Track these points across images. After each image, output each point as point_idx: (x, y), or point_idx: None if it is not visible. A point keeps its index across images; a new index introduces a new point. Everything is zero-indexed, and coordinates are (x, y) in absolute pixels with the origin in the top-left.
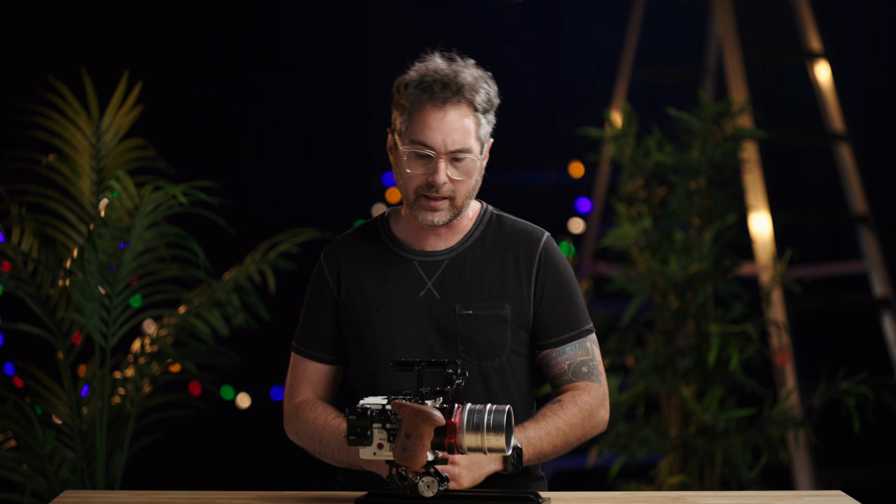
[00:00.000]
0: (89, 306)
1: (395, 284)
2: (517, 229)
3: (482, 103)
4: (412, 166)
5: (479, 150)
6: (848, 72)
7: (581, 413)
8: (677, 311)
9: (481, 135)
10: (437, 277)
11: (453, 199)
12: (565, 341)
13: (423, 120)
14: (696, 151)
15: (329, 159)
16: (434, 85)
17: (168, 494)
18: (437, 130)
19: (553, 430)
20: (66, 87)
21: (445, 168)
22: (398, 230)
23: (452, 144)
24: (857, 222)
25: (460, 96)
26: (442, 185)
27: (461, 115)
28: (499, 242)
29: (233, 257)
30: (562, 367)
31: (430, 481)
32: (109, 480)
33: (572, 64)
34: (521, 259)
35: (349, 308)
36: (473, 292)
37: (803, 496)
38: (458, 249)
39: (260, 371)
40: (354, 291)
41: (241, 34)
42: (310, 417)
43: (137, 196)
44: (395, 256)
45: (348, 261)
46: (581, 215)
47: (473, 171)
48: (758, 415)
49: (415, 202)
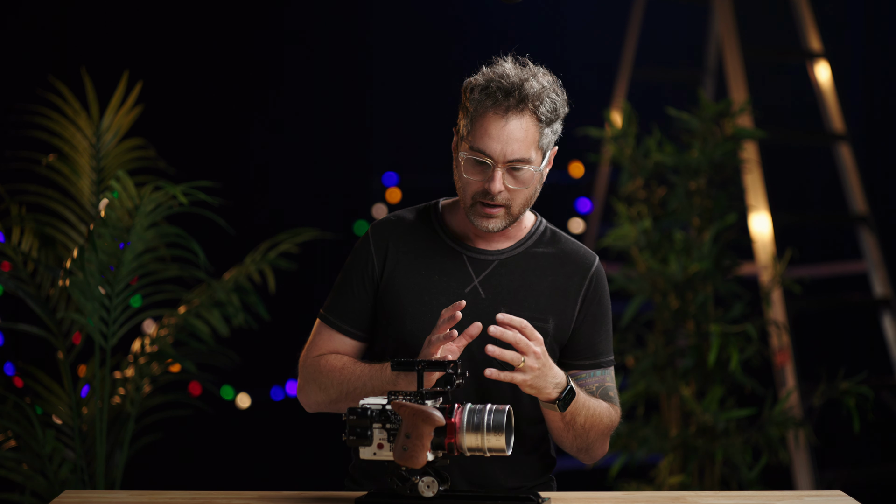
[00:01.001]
0: (89, 306)
1: (441, 275)
2: (572, 248)
3: (546, 113)
4: (470, 172)
5: (539, 160)
6: (848, 72)
7: (609, 418)
8: (677, 311)
9: (543, 145)
10: (484, 276)
11: (509, 208)
12: (597, 366)
13: (484, 127)
14: (696, 151)
15: (329, 159)
16: (498, 92)
17: (168, 494)
18: (496, 139)
19: (593, 407)
20: (66, 87)
21: (502, 177)
22: (451, 221)
23: (511, 154)
24: (857, 222)
25: (524, 106)
26: (497, 193)
27: (523, 126)
28: (551, 257)
29: (233, 257)
30: (590, 388)
31: (430, 481)
32: (109, 480)
33: (572, 64)
34: (573, 278)
35: (390, 289)
36: (520, 299)
37: (803, 496)
38: (509, 253)
39: (260, 371)
40: (400, 273)
41: (242, 34)
42: (335, 364)
43: (137, 196)
44: (445, 247)
45: (398, 241)
46: (581, 215)
47: (531, 182)
48: (758, 415)
49: (471, 207)
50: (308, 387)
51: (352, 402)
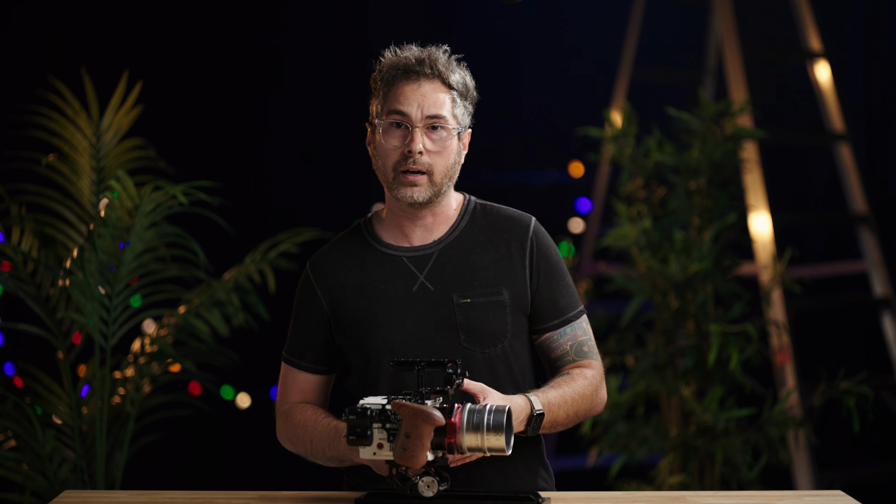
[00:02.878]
0: (89, 306)
1: (386, 283)
2: (504, 216)
3: (458, 83)
4: (389, 139)
5: (454, 125)
6: (848, 72)
7: (590, 386)
8: (677, 311)
9: (457, 114)
10: (428, 270)
11: (431, 174)
12: (565, 323)
13: (399, 93)
14: (696, 151)
15: (329, 159)
16: (408, 61)
17: (168, 494)
18: (412, 99)
19: (568, 398)
20: (66, 87)
21: (421, 137)
22: (382, 231)
23: (427, 110)
24: (857, 222)
25: (434, 73)
26: (418, 152)
27: (435, 89)
28: (487, 230)
29: (233, 257)
30: (564, 348)
31: (430, 481)
32: (109, 480)
33: (572, 64)
34: (513, 245)
35: (343, 315)
36: (468, 280)
37: (803, 496)
38: (446, 240)
39: (260, 371)
40: (347, 297)
41: (242, 34)
42: (300, 419)
43: (137, 196)
44: (382, 256)
45: (336, 269)
46: (581, 215)
47: (450, 145)
48: (758, 415)
49: (394, 180)
50: (282, 438)
51: (321, 461)
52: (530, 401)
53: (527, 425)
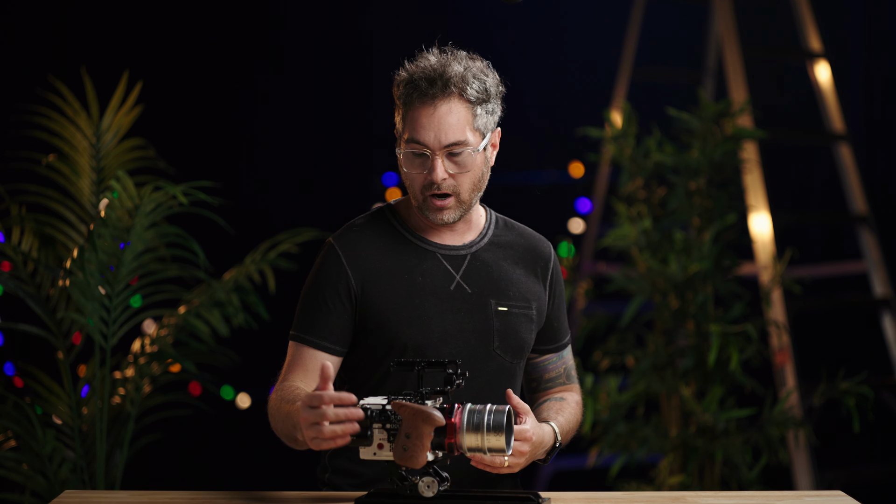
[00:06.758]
0: (89, 306)
1: (423, 276)
2: (527, 234)
3: (475, 93)
4: (410, 166)
5: (477, 141)
6: (848, 72)
7: (580, 413)
8: (677, 311)
9: (479, 125)
10: (463, 271)
11: (458, 195)
12: (562, 347)
13: (416, 119)
14: (696, 151)
15: (329, 159)
16: (421, 82)
17: (168, 494)
18: (428, 128)
19: (571, 427)
20: (66, 87)
21: (442, 164)
22: (411, 220)
23: (446, 139)
24: (857, 222)
25: (449, 90)
26: (441, 181)
27: (452, 109)
28: (514, 245)
29: (233, 257)
30: (558, 370)
31: (430, 481)
32: (109, 480)
33: (572, 64)
34: (538, 265)
35: (372, 298)
36: (504, 290)
37: (803, 496)
38: (477, 245)
39: (260, 371)
40: (381, 281)
41: (242, 34)
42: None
43: (137, 196)
44: (416, 248)
45: (368, 250)
46: (581, 215)
47: (472, 164)
48: (758, 415)
49: (423, 203)
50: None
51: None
52: (555, 431)
53: (548, 454)
